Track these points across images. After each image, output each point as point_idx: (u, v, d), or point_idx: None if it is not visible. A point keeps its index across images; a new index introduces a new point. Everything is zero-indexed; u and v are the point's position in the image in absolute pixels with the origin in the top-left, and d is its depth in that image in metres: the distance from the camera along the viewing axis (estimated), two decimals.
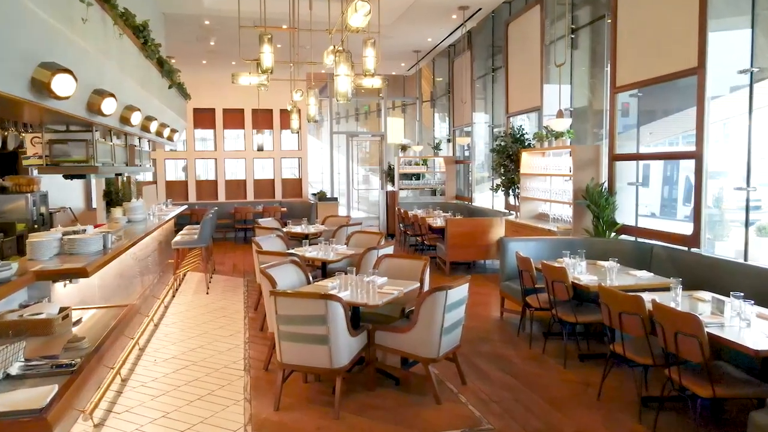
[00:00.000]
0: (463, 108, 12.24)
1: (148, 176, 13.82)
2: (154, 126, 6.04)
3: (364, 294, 4.26)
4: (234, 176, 14.52)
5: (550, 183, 7.66)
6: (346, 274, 4.57)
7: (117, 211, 6.62)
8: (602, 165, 6.80)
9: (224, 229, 13.26)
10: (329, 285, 4.56)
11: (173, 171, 14.38)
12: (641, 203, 6.69)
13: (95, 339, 2.95)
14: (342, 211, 15.56)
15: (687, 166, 10.14)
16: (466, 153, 13.19)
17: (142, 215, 6.79)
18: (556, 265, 5.00)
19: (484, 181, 12.09)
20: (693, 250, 5.28)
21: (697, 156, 5.19)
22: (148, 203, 8.13)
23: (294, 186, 14.59)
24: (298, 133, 9.65)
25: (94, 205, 9.50)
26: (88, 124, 4.30)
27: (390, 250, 6.13)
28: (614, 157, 6.59)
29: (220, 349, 5.35)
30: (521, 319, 5.73)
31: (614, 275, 4.71)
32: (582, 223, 6.75)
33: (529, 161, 8.20)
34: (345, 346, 3.90)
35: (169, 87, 6.67)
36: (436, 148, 13.55)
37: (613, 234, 6.40)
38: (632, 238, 6.45)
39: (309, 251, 6.27)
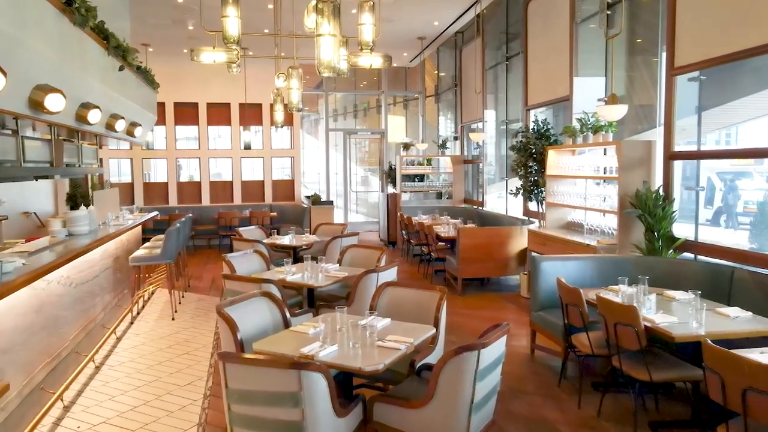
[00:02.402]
0: (472, 102, 10.97)
1: (126, 177, 12.57)
2: (95, 116, 4.76)
3: (358, 350, 2.99)
4: (220, 177, 13.25)
5: (585, 186, 6.38)
6: (335, 309, 3.32)
7: (55, 223, 5.36)
8: (654, 165, 5.52)
9: (207, 235, 11.98)
10: (311, 332, 3.29)
11: (154, 171, 13.12)
12: None
13: None
14: (339, 215, 14.31)
15: (708, 166, 9.00)
16: (475, 152, 11.94)
17: (87, 227, 5.52)
18: (611, 297, 3.74)
19: (494, 182, 10.84)
20: None
21: None
22: (107, 210, 6.85)
23: (286, 188, 13.31)
24: (282, 127, 8.36)
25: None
26: None
27: (393, 273, 4.87)
28: (671, 156, 5.31)
29: (171, 407, 4.07)
30: (563, 363, 4.45)
31: (702, 316, 3.44)
32: (629, 237, 5.47)
33: (556, 160, 6.92)
34: None
35: (120, 68, 5.40)
36: (442, 146, 12.28)
37: (670, 252, 5.13)
38: (691, 256, 5.21)
39: (292, 273, 4.99)
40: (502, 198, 10.58)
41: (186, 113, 12.57)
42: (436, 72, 13.75)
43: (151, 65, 11.63)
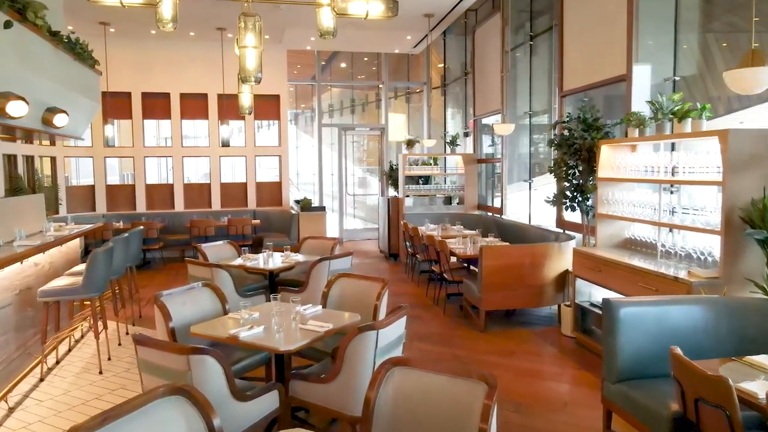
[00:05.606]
0: (488, 91, 9.34)
1: (87, 179, 10.91)
2: None
3: None
4: (197, 179, 11.62)
5: (658, 193, 4.73)
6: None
7: None
8: None
9: (180, 246, 10.31)
10: None
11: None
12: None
13: None
14: (333, 220, 12.67)
15: None
16: (489, 149, 10.32)
17: None
18: (756, 389, 2.11)
19: (509, 185, 9.20)
20: None
21: None
22: (16, 224, 5.20)
23: (272, 191, 11.65)
24: (250, 114, 6.72)
25: None
26: None
27: (400, 327, 3.26)
28: None
29: None
30: None
31: None
32: (739, 268, 3.82)
33: (611, 159, 5.28)
34: None
35: (6, 25, 3.76)
36: (452, 143, 10.65)
37: None
38: None
39: (249, 327, 3.32)
40: (513, 201, 8.98)
41: (156, 105, 10.89)
42: (442, 65, 12.10)
43: (113, 49, 9.98)
